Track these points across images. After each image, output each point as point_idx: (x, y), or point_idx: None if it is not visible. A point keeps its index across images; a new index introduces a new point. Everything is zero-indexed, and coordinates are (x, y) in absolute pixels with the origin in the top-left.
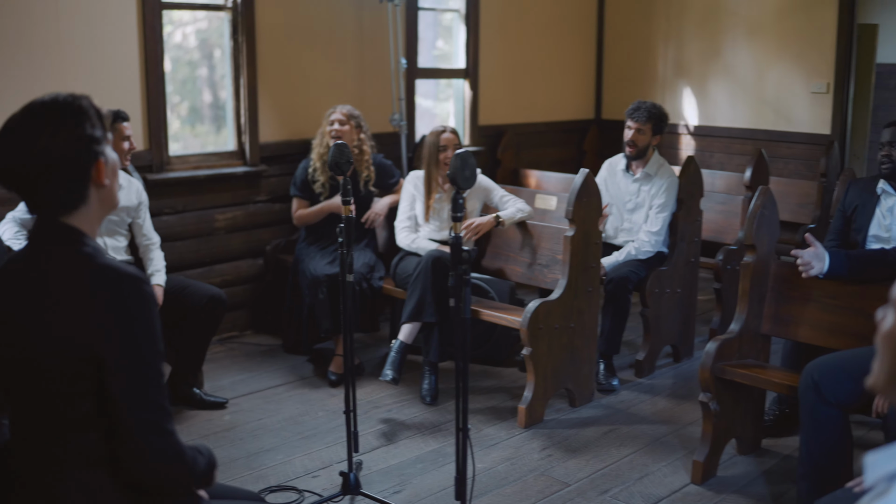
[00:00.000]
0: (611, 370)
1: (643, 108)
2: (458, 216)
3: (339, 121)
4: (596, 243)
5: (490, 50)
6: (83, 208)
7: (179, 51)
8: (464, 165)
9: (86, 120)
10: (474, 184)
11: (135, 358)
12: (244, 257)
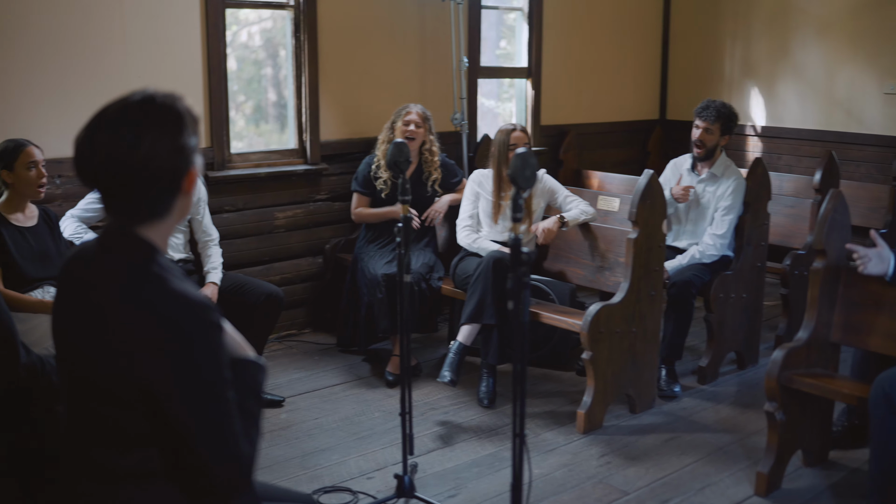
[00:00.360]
0: (673, 376)
1: (712, 107)
2: (518, 217)
3: (416, 122)
4: (660, 246)
5: (553, 49)
6: (163, 220)
7: (245, 50)
8: (525, 165)
9: (185, 127)
10: (535, 184)
11: (198, 394)
12: (304, 255)
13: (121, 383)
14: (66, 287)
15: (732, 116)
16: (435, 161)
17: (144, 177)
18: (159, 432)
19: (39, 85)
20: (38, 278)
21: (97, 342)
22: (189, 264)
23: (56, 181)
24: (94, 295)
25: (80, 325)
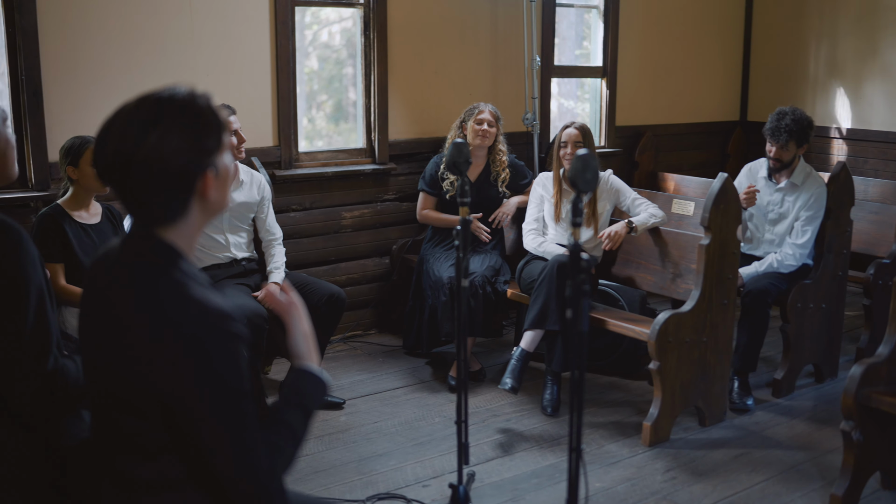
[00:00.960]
0: (745, 388)
1: (782, 128)
2: (578, 221)
3: (489, 121)
4: (733, 253)
5: (629, 48)
6: (182, 222)
7: (326, 49)
8: (585, 167)
9: (202, 125)
10: (595, 187)
11: (215, 405)
12: (370, 256)
13: (138, 393)
14: (89, 292)
15: (806, 129)
16: (503, 161)
17: (149, 173)
18: (178, 443)
19: (108, 83)
20: None
21: (115, 350)
22: (252, 263)
23: None
24: (113, 302)
25: (100, 331)
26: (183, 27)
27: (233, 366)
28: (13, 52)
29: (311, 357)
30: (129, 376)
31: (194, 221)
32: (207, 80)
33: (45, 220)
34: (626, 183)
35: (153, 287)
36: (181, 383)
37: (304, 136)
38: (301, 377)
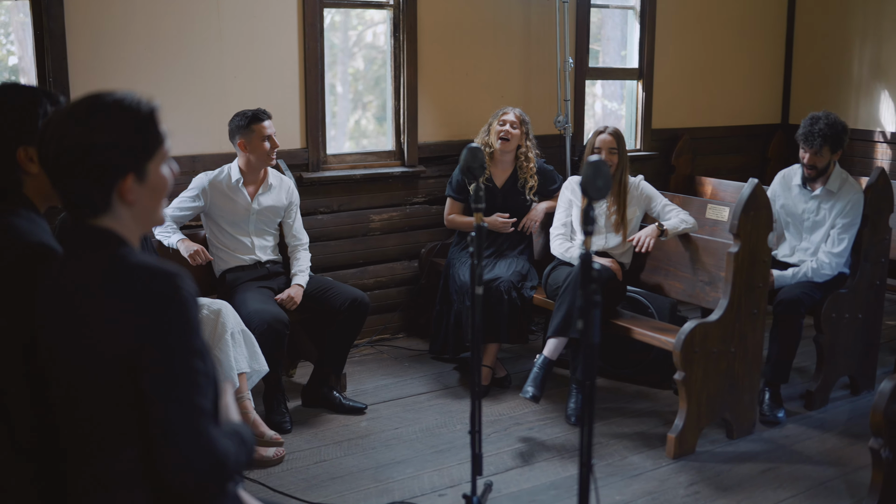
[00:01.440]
0: (777, 400)
1: (816, 133)
2: (590, 230)
3: (512, 122)
4: (764, 261)
5: (666, 49)
6: (110, 214)
7: (372, 50)
8: (596, 174)
9: (132, 128)
10: (607, 195)
11: (168, 356)
12: (399, 259)
13: (98, 368)
14: (41, 293)
15: (840, 134)
16: (531, 167)
17: (70, 165)
18: (140, 425)
19: (136, 86)
20: None
21: (70, 334)
22: (277, 265)
23: None
24: (63, 286)
25: (51, 324)
26: (210, 29)
27: (184, 320)
28: (41, 55)
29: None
30: (87, 350)
31: (126, 223)
32: (235, 82)
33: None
34: (663, 187)
35: (99, 262)
36: (137, 338)
37: (349, 137)
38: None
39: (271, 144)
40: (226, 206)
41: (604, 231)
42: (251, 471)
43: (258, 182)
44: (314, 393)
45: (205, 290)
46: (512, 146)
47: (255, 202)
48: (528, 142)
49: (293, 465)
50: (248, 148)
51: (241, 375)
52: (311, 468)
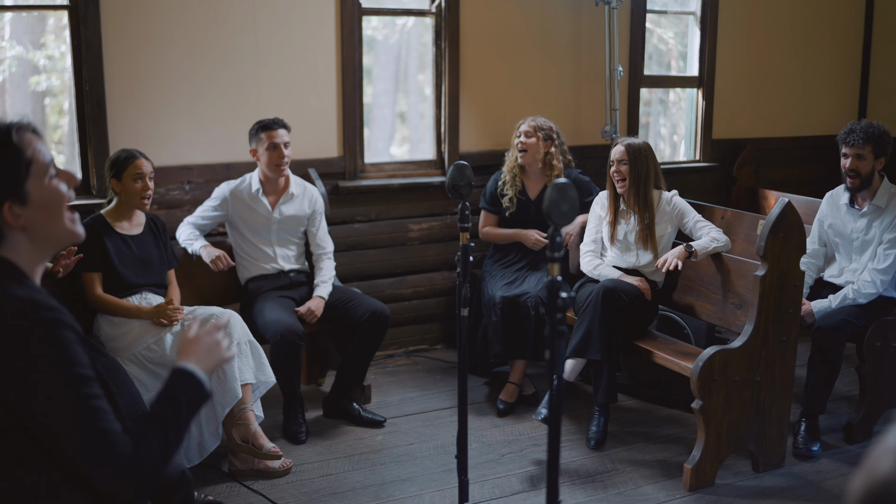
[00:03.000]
0: (813, 433)
1: (858, 130)
2: (556, 257)
3: (526, 132)
4: (795, 286)
5: (728, 55)
6: (5, 243)
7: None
8: (561, 198)
9: (7, 155)
10: (573, 220)
11: (52, 393)
12: (439, 269)
13: None
14: None
15: (884, 136)
16: (555, 176)
17: None
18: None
19: (172, 94)
20: (137, 285)
21: None
22: (301, 275)
23: (185, 187)
24: None
25: None
26: (247, 38)
27: (60, 352)
28: (78, 63)
29: (188, 357)
30: None
31: (24, 248)
32: (271, 90)
33: (86, 230)
34: (723, 199)
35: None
36: (13, 378)
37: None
38: (174, 374)
39: (277, 153)
40: (247, 215)
41: (633, 248)
42: (256, 481)
43: (279, 191)
44: (334, 404)
45: (229, 299)
46: (532, 157)
47: (276, 211)
48: (553, 148)
49: (299, 478)
50: (257, 155)
51: (246, 386)
52: (316, 481)
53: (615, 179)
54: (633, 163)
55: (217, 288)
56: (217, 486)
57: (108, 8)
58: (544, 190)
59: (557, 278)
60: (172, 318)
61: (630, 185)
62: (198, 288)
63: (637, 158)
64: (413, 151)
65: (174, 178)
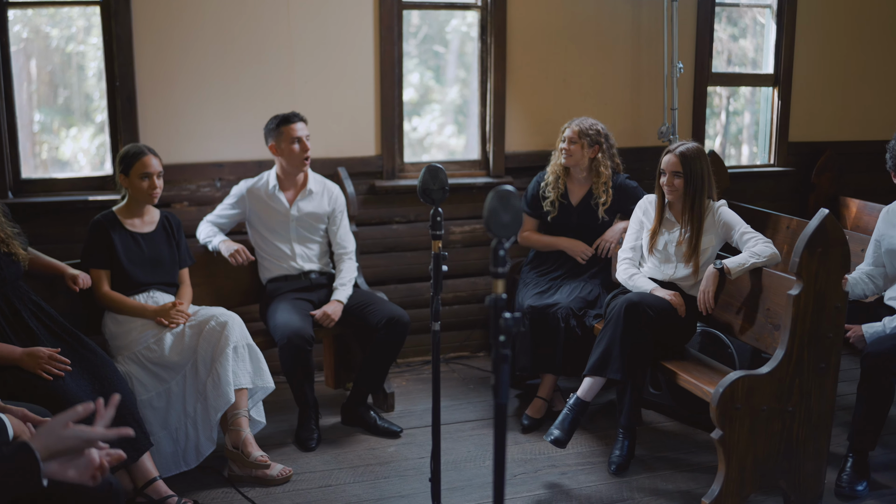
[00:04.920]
0: (861, 471)
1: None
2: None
3: (570, 138)
4: (837, 307)
5: (808, 52)
6: None
7: None
8: (503, 207)
9: None
10: (515, 232)
11: None
12: (482, 274)
13: None
14: None
15: None
16: (603, 183)
17: None
18: None
19: (203, 90)
20: (145, 283)
21: None
22: (323, 277)
23: (216, 183)
24: None
25: None
26: (280, 32)
27: None
28: (110, 59)
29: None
30: None
31: None
32: (305, 86)
33: (95, 226)
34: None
35: None
36: None
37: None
38: (13, 445)
39: (301, 147)
40: (264, 213)
41: (673, 260)
42: (253, 488)
43: (297, 188)
44: (352, 412)
45: (252, 299)
46: (575, 161)
47: (294, 208)
48: (599, 154)
49: (296, 487)
50: (278, 151)
51: (241, 391)
52: (313, 492)
53: (666, 191)
54: (688, 175)
55: (240, 288)
56: (212, 491)
57: (139, 3)
58: (588, 196)
59: (501, 296)
60: (174, 320)
61: (684, 197)
62: (217, 287)
63: (692, 169)
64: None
65: (205, 174)
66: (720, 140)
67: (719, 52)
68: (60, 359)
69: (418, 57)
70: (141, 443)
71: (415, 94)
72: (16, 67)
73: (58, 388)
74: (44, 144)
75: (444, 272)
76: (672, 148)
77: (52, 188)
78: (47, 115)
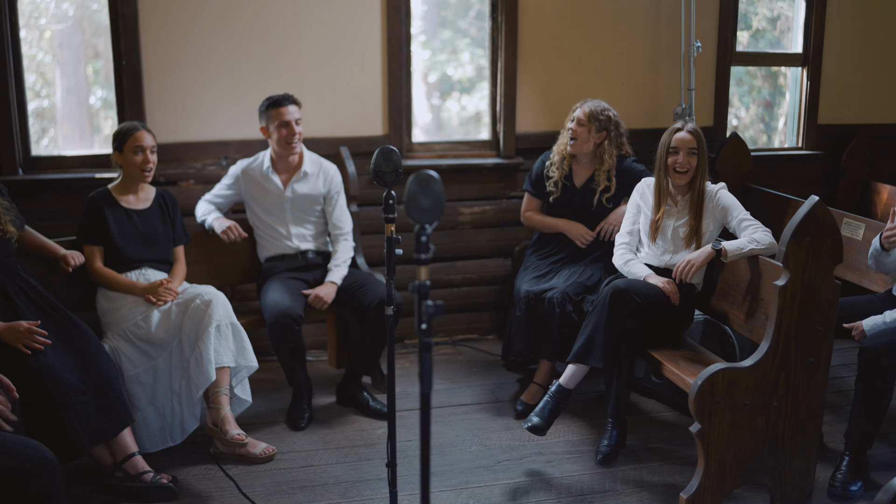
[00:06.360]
0: (857, 470)
1: None
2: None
3: (579, 120)
4: (828, 300)
5: (839, 30)
6: None
7: None
8: (422, 192)
9: None
10: (437, 217)
11: None
12: (492, 256)
13: None
14: None
15: None
16: (605, 170)
17: None
18: None
19: (209, 69)
20: (138, 260)
21: None
22: (319, 256)
23: (222, 162)
24: None
25: None
26: (287, 11)
27: None
28: (116, 38)
29: None
30: None
31: None
32: (311, 65)
33: (89, 203)
34: (829, 192)
35: None
36: None
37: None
38: None
39: (288, 131)
40: (259, 193)
41: (671, 246)
42: (236, 465)
43: (292, 169)
44: (345, 392)
45: (251, 277)
46: (580, 147)
47: (289, 190)
48: (606, 142)
49: (279, 466)
50: (268, 133)
51: (223, 369)
52: (294, 472)
53: (677, 171)
54: (700, 152)
55: (240, 266)
56: (196, 467)
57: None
58: (591, 179)
59: (426, 282)
60: (161, 298)
61: (694, 177)
62: (216, 265)
63: (702, 146)
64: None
65: (211, 153)
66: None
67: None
68: (39, 331)
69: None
70: (122, 418)
71: (467, 72)
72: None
73: (38, 363)
74: (108, 120)
75: (398, 256)
76: (679, 126)
77: (60, 165)
78: (110, 91)
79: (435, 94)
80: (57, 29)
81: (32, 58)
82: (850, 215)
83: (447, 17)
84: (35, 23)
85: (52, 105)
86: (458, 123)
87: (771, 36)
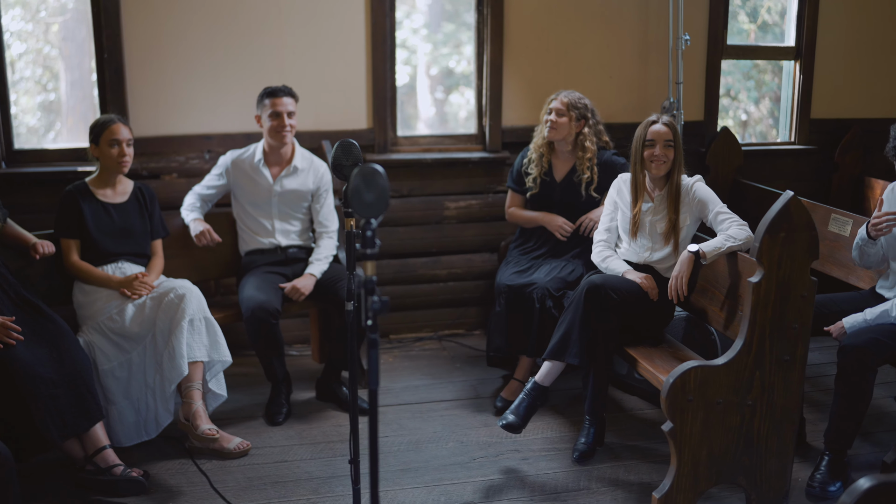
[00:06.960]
0: (836, 470)
1: None
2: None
3: (557, 110)
4: (803, 297)
5: (833, 22)
6: None
7: None
8: (366, 186)
9: None
10: (381, 212)
11: None
12: (478, 251)
13: None
14: None
15: None
16: (587, 159)
17: None
18: None
19: (194, 61)
20: (114, 253)
21: None
22: (301, 251)
23: (205, 156)
24: None
25: None
26: (270, 4)
27: None
28: (98, 31)
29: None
30: None
31: None
32: (295, 59)
33: (66, 196)
34: (822, 189)
35: None
36: None
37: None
38: None
39: (279, 122)
40: (247, 186)
41: (649, 241)
42: (210, 460)
43: (282, 163)
44: (325, 387)
45: (231, 271)
46: (560, 135)
47: (278, 184)
48: (586, 129)
49: (253, 461)
50: (261, 122)
51: (196, 364)
52: (267, 467)
53: (654, 163)
54: (676, 145)
55: (220, 260)
56: (170, 462)
57: None
58: (571, 172)
59: (372, 278)
60: (136, 291)
61: (671, 170)
62: (197, 259)
63: (678, 139)
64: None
65: (194, 146)
66: None
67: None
68: (12, 326)
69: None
70: (93, 413)
71: (468, 66)
72: (78, 37)
73: (10, 356)
74: None
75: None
76: (655, 119)
77: (42, 158)
78: None
79: (439, 88)
80: (62, 22)
81: (39, 51)
82: (838, 211)
83: (450, 10)
84: (39, 17)
85: (57, 99)
86: (465, 117)
87: (780, 30)
